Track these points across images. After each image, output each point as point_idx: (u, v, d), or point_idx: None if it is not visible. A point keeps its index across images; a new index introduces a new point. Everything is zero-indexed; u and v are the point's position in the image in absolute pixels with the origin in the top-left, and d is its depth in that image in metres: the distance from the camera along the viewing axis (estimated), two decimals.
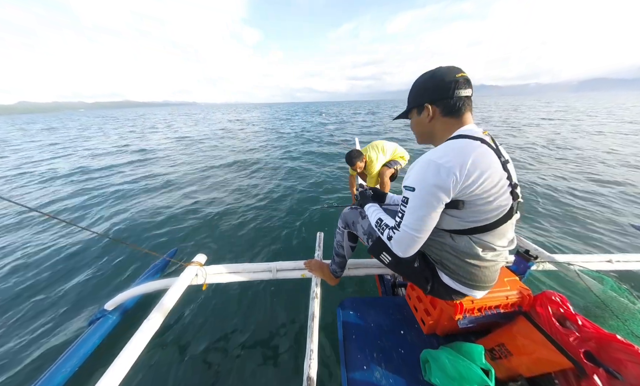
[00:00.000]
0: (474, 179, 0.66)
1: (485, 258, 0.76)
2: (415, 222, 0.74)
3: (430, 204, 0.71)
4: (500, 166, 0.69)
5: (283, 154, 7.01)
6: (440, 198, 0.69)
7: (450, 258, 0.80)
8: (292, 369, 1.39)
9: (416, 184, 0.72)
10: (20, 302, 1.97)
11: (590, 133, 9.22)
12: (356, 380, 0.88)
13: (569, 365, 0.71)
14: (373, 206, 1.04)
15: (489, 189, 0.67)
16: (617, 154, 5.94)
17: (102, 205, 3.84)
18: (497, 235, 0.75)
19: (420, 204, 0.72)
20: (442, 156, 0.69)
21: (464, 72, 0.74)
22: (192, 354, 1.50)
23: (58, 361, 1.32)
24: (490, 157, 0.69)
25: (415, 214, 0.74)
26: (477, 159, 0.67)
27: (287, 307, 1.78)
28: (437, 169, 0.68)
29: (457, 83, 0.73)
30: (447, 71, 0.76)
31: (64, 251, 2.62)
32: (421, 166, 0.72)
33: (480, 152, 0.68)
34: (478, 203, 0.69)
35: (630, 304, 1.06)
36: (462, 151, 0.68)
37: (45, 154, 8.59)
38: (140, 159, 7.08)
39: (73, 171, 5.91)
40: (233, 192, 4.20)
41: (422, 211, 0.72)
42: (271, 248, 2.55)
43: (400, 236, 0.78)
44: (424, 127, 0.84)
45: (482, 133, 0.73)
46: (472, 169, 0.66)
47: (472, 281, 0.80)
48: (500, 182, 0.68)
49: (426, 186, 0.70)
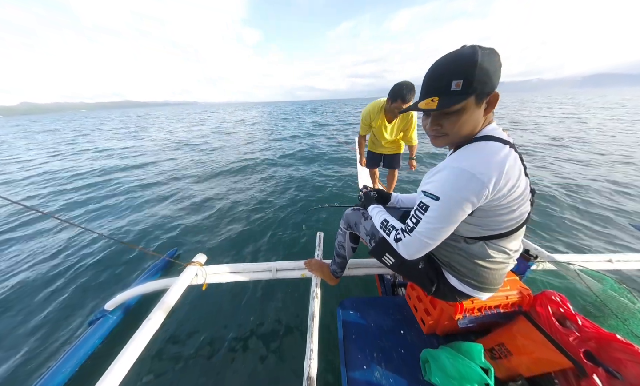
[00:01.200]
0: (505, 192, 0.62)
1: (497, 261, 0.75)
2: (431, 232, 0.70)
3: (452, 218, 0.66)
4: (522, 172, 0.65)
5: (283, 155, 7.01)
6: (466, 212, 0.65)
7: (460, 261, 0.79)
8: (292, 369, 1.39)
9: (442, 193, 0.65)
10: (19, 302, 1.97)
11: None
12: (356, 379, 0.88)
13: (568, 364, 0.71)
14: (377, 208, 1.02)
15: (514, 199, 0.64)
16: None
17: (102, 205, 3.84)
18: (512, 240, 0.73)
19: (441, 216, 0.67)
20: (477, 165, 0.61)
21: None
22: (192, 354, 1.50)
23: (58, 362, 1.32)
24: (519, 165, 0.64)
25: (433, 224, 0.69)
26: (510, 170, 0.61)
27: (287, 307, 1.78)
28: (469, 180, 0.61)
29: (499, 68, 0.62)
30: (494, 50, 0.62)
31: (63, 251, 2.62)
32: (450, 174, 0.64)
33: (512, 160, 0.62)
34: (501, 211, 0.66)
35: (630, 304, 1.06)
36: (496, 160, 0.61)
37: (44, 155, 8.59)
38: (140, 159, 7.08)
39: (73, 171, 5.91)
40: (233, 192, 4.20)
41: (442, 224, 0.68)
42: (271, 248, 2.55)
43: (411, 241, 0.75)
44: (474, 122, 0.67)
45: (506, 133, 0.67)
46: (504, 181, 0.61)
47: (481, 284, 0.80)
48: (525, 191, 0.65)
49: (454, 198, 0.63)
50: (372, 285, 1.80)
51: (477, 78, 0.60)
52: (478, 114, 0.66)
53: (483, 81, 0.61)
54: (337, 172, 5.17)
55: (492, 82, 0.62)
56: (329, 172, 5.18)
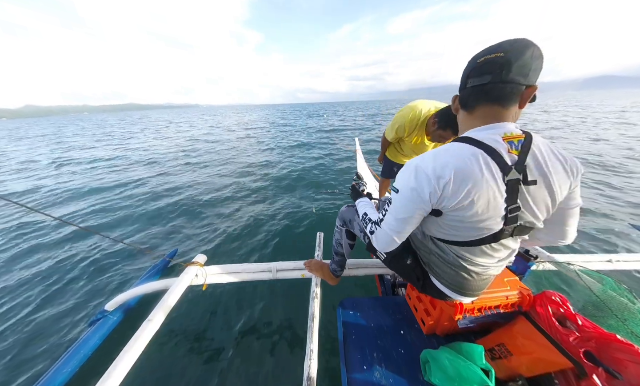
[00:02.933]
0: (453, 193, 0.59)
1: (469, 269, 0.75)
2: (395, 223, 0.72)
3: (408, 209, 0.68)
4: (500, 185, 0.59)
5: (284, 155, 7.01)
6: (419, 205, 0.65)
7: (437, 263, 0.81)
8: (292, 369, 1.39)
9: (399, 186, 0.69)
10: (20, 302, 1.98)
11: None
12: (356, 379, 0.88)
13: (568, 364, 0.71)
14: (363, 201, 1.04)
15: (472, 208, 0.60)
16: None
17: (102, 205, 3.84)
18: (479, 252, 0.71)
19: (399, 207, 0.70)
20: (424, 159, 0.64)
21: (495, 51, 0.58)
22: (192, 354, 1.50)
23: (59, 362, 1.32)
24: (486, 171, 0.58)
25: (395, 215, 0.71)
26: (464, 171, 0.58)
27: (287, 307, 1.78)
28: (415, 173, 0.63)
29: (473, 68, 0.62)
30: (485, 51, 0.61)
31: (64, 252, 2.62)
32: (406, 168, 0.68)
33: (471, 161, 0.58)
34: (457, 219, 0.65)
35: (630, 304, 1.06)
36: (447, 157, 0.61)
37: (45, 151, 8.59)
38: (139, 159, 7.08)
39: (73, 171, 5.92)
40: (233, 193, 4.20)
41: (402, 214, 0.70)
42: (271, 248, 2.56)
43: (380, 233, 0.77)
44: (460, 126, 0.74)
45: (501, 137, 0.60)
46: (454, 181, 0.58)
47: (458, 288, 0.81)
48: (491, 205, 0.60)
49: (406, 189, 0.66)
50: (372, 285, 1.80)
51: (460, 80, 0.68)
52: (461, 116, 0.72)
53: (460, 85, 0.68)
54: (337, 173, 5.17)
55: (461, 87, 0.68)
56: (330, 172, 5.17)
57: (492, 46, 0.60)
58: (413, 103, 1.63)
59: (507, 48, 0.56)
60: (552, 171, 0.60)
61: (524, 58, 0.56)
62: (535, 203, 0.63)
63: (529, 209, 0.64)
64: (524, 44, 0.56)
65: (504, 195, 0.60)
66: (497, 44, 0.59)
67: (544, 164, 0.60)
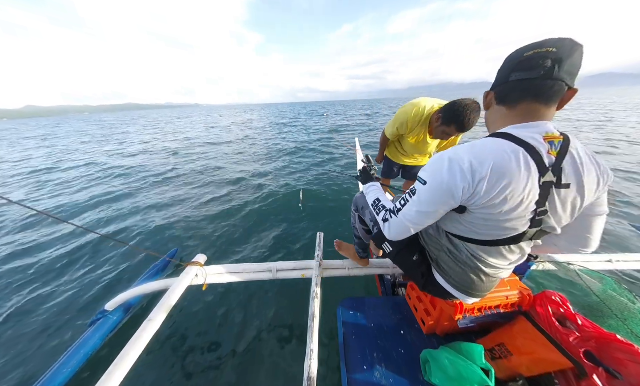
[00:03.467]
0: (487, 190, 0.57)
1: (481, 269, 0.74)
2: (415, 216, 0.69)
3: (435, 203, 0.65)
4: (535, 185, 0.57)
5: (284, 155, 7.01)
6: (447, 200, 0.63)
7: (446, 260, 0.80)
8: (292, 369, 1.39)
9: (428, 177, 0.65)
10: (20, 302, 1.98)
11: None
12: (356, 379, 0.88)
13: (568, 364, 0.71)
14: (373, 186, 1.00)
15: (502, 206, 0.58)
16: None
17: (102, 206, 3.84)
18: (495, 253, 0.70)
19: (425, 200, 0.66)
20: (458, 152, 0.60)
21: (545, 45, 0.55)
22: (192, 354, 1.50)
23: (58, 362, 1.32)
24: (525, 170, 0.55)
25: (418, 208, 0.68)
26: (502, 167, 0.55)
27: (287, 307, 1.78)
28: (449, 165, 0.60)
29: (520, 61, 0.58)
30: (533, 44, 0.57)
31: (64, 251, 2.62)
32: (437, 159, 0.64)
33: (510, 158, 0.55)
34: (482, 216, 0.63)
35: (630, 304, 1.06)
36: (485, 151, 0.58)
37: (43, 153, 8.59)
38: (139, 159, 7.08)
39: (74, 172, 5.92)
40: (233, 192, 4.20)
41: (425, 207, 0.67)
42: (271, 248, 2.55)
43: (396, 222, 0.74)
44: (486, 120, 0.73)
45: (541, 137, 0.57)
46: (491, 177, 0.56)
47: (465, 287, 0.80)
48: (523, 205, 0.58)
49: (436, 182, 0.63)
50: (372, 285, 1.80)
51: (498, 74, 0.66)
52: (497, 112, 0.67)
53: (497, 79, 0.66)
54: (337, 173, 5.17)
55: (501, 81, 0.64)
56: (330, 172, 5.17)
57: (539, 42, 0.56)
58: (416, 100, 1.62)
59: (558, 44, 0.54)
60: (586, 175, 0.58)
61: (574, 57, 0.54)
62: (563, 206, 0.61)
63: (555, 213, 0.62)
64: (573, 43, 0.54)
65: (537, 197, 0.58)
66: (543, 40, 0.57)
67: (580, 167, 0.58)
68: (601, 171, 0.60)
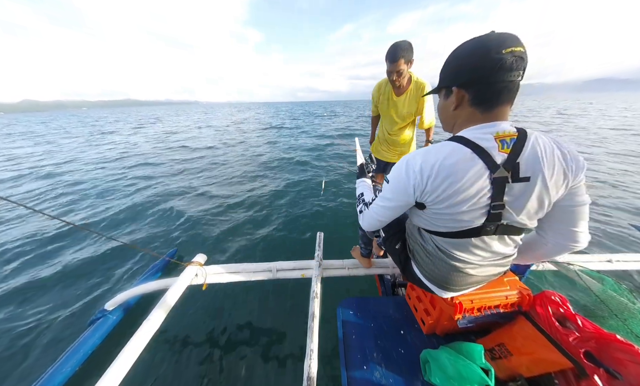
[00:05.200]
0: (435, 188, 0.63)
1: (448, 262, 0.77)
2: (380, 210, 0.80)
3: (394, 198, 0.74)
4: (484, 182, 0.60)
5: (284, 155, 7.01)
6: (403, 197, 0.71)
7: (420, 252, 0.86)
8: (292, 369, 1.39)
9: (390, 177, 0.74)
10: (20, 302, 1.98)
11: None
12: (356, 379, 0.88)
13: (568, 365, 0.71)
14: (363, 182, 1.11)
15: (449, 201, 0.63)
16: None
17: (102, 206, 3.84)
18: (461, 246, 0.73)
19: (387, 197, 0.76)
20: (415, 156, 0.67)
21: (519, 44, 0.55)
22: (191, 354, 1.50)
23: (58, 361, 1.32)
24: (471, 168, 0.60)
25: (382, 203, 0.79)
26: (447, 167, 0.61)
27: (287, 307, 1.78)
28: (405, 167, 0.68)
29: (501, 62, 0.55)
30: (496, 42, 0.56)
31: (63, 251, 2.62)
32: (399, 163, 0.71)
33: (458, 159, 0.60)
34: (437, 211, 0.69)
35: (630, 304, 1.06)
36: (435, 155, 0.63)
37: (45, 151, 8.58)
38: (139, 159, 7.08)
39: (74, 172, 5.91)
40: (233, 192, 4.20)
41: (387, 203, 0.77)
42: (271, 248, 2.56)
43: (367, 214, 0.87)
44: (447, 115, 0.72)
45: (492, 136, 0.61)
46: (437, 176, 0.62)
47: (437, 280, 0.84)
48: (472, 200, 0.62)
49: (396, 181, 0.72)
50: (372, 285, 1.80)
51: (443, 72, 0.68)
52: (448, 107, 0.70)
53: (445, 76, 0.68)
54: (337, 173, 5.17)
55: (453, 80, 0.65)
56: (330, 173, 5.17)
57: (504, 37, 0.56)
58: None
59: (519, 42, 0.55)
60: (547, 166, 0.59)
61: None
62: (525, 199, 0.62)
63: (516, 206, 0.63)
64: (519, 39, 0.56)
65: (489, 193, 0.61)
66: (505, 33, 0.56)
67: (541, 160, 0.59)
68: (568, 160, 0.60)
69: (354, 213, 3.11)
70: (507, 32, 0.57)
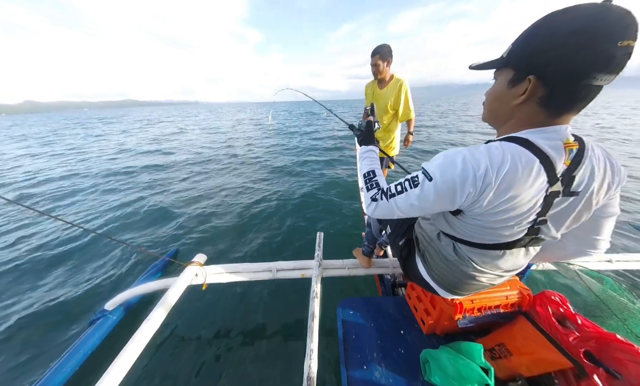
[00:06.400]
0: (492, 199, 0.53)
1: (467, 272, 0.74)
2: (408, 208, 0.64)
3: (434, 202, 0.59)
4: (540, 197, 0.53)
5: (284, 155, 7.01)
6: (447, 203, 0.58)
7: (433, 255, 0.83)
8: (292, 369, 1.39)
9: (437, 174, 0.57)
10: (19, 302, 1.97)
11: None
12: (356, 379, 0.88)
13: (568, 364, 0.71)
14: (372, 152, 0.90)
15: (502, 215, 0.56)
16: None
17: (102, 206, 3.84)
18: (486, 257, 0.69)
19: (425, 196, 0.59)
20: (476, 155, 0.53)
21: (636, 35, 0.40)
22: (191, 354, 1.50)
23: (58, 361, 1.32)
24: (535, 183, 0.51)
25: (414, 201, 0.62)
26: (513, 179, 0.50)
27: (287, 307, 1.78)
28: (464, 167, 0.53)
29: (610, 60, 0.41)
30: (614, 26, 0.40)
31: (63, 251, 2.62)
32: (449, 157, 0.56)
33: (524, 170, 0.50)
34: (481, 222, 0.60)
35: (630, 304, 1.06)
36: (500, 158, 0.51)
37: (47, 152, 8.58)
38: (139, 159, 7.08)
39: (74, 170, 5.91)
40: (233, 192, 4.20)
41: (422, 204, 0.61)
42: (271, 248, 2.55)
43: (384, 206, 0.68)
44: (504, 107, 0.58)
45: (562, 145, 0.51)
46: (499, 187, 0.51)
47: (447, 284, 0.82)
48: (524, 216, 0.55)
49: (445, 183, 0.56)
50: (372, 285, 1.80)
51: (516, 47, 0.51)
52: (511, 97, 0.54)
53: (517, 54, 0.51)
54: (338, 172, 5.17)
55: (530, 64, 0.49)
56: (330, 172, 5.17)
57: (627, 21, 0.39)
58: None
59: (637, 31, 0.40)
60: (597, 182, 0.53)
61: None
62: (567, 215, 0.57)
63: (556, 222, 0.58)
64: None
65: (539, 208, 0.54)
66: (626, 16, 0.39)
67: (595, 175, 0.53)
68: (615, 174, 0.55)
69: (354, 213, 3.11)
70: (629, 12, 0.39)
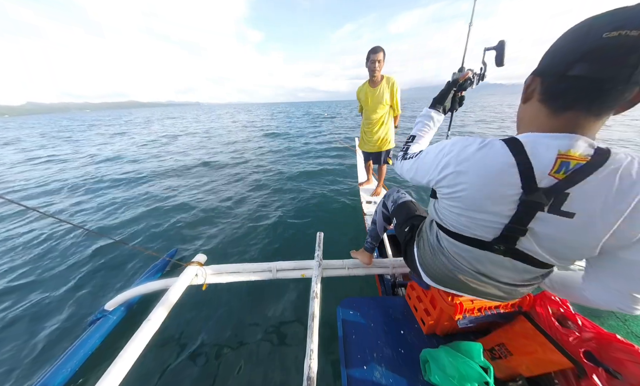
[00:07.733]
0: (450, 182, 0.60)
1: (444, 263, 0.77)
2: (408, 167, 0.80)
3: (426, 164, 0.71)
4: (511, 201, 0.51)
5: (284, 155, 7.01)
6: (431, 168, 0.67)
7: (425, 242, 0.87)
8: (292, 369, 1.39)
9: (437, 143, 0.69)
10: (19, 302, 1.98)
11: None
12: (356, 379, 0.88)
13: (568, 364, 0.71)
14: (429, 117, 0.93)
15: (464, 200, 0.59)
16: None
17: (102, 206, 3.84)
18: (463, 252, 0.70)
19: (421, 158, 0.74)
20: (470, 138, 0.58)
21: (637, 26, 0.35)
22: (191, 354, 1.50)
23: (58, 362, 1.32)
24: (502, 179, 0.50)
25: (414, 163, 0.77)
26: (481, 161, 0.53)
27: (287, 307, 1.78)
28: (454, 141, 0.61)
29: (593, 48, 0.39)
30: (606, 19, 0.38)
31: (64, 251, 2.62)
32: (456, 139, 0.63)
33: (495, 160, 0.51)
34: (447, 200, 0.66)
35: None
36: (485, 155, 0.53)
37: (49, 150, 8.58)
38: (139, 159, 7.08)
39: (75, 171, 5.92)
40: (233, 192, 4.20)
41: (418, 164, 0.75)
42: (271, 248, 2.55)
43: (403, 165, 0.84)
44: (519, 111, 0.58)
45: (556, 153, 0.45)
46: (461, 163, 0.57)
47: (430, 273, 0.87)
48: (490, 213, 0.55)
49: (438, 148, 0.67)
50: (372, 285, 1.80)
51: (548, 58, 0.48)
52: (534, 110, 0.52)
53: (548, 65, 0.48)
54: (337, 172, 5.17)
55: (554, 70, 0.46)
56: (330, 172, 5.17)
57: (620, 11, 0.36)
58: None
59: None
60: (608, 209, 0.43)
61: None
62: (555, 235, 0.50)
63: (540, 239, 0.52)
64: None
65: (511, 213, 0.52)
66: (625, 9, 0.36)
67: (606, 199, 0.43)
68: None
69: (354, 214, 3.11)
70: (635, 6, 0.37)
